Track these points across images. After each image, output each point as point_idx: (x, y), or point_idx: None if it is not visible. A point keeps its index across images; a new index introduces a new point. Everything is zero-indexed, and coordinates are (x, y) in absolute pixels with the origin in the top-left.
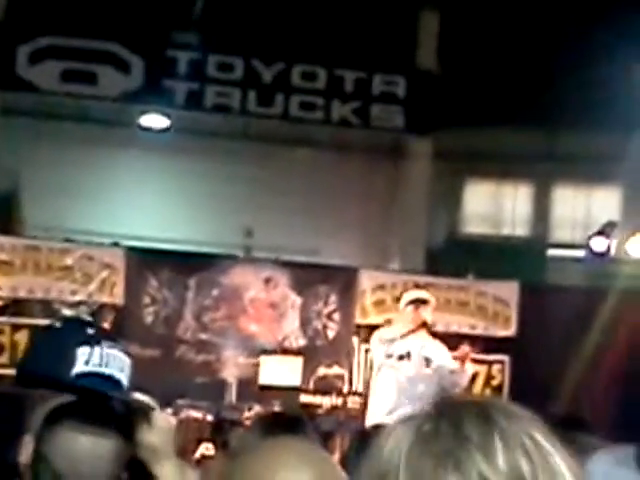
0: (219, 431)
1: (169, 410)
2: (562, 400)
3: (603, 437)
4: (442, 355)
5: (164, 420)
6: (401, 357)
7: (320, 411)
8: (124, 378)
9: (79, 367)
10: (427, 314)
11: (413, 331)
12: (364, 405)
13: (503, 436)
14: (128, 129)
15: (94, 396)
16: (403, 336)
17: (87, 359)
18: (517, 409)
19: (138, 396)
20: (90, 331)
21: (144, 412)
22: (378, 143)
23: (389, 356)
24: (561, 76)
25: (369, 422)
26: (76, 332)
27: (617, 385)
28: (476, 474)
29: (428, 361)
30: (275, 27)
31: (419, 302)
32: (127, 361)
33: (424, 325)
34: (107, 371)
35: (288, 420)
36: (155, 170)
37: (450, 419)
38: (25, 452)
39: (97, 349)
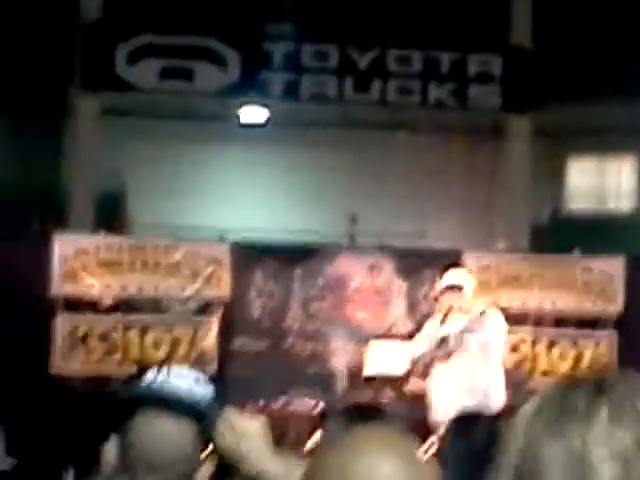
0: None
1: (282, 399)
2: None
3: None
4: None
5: (250, 426)
6: (442, 343)
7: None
8: (198, 390)
9: (147, 382)
10: (459, 300)
11: (443, 321)
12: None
13: (610, 411)
14: (227, 123)
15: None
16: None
17: (154, 377)
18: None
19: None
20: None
21: (224, 419)
22: (477, 124)
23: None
24: None
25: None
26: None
27: None
28: (576, 442)
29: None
30: (368, 13)
31: (453, 288)
32: (200, 377)
33: (459, 310)
34: (175, 383)
35: (367, 410)
36: (256, 163)
37: (566, 392)
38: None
39: (164, 369)
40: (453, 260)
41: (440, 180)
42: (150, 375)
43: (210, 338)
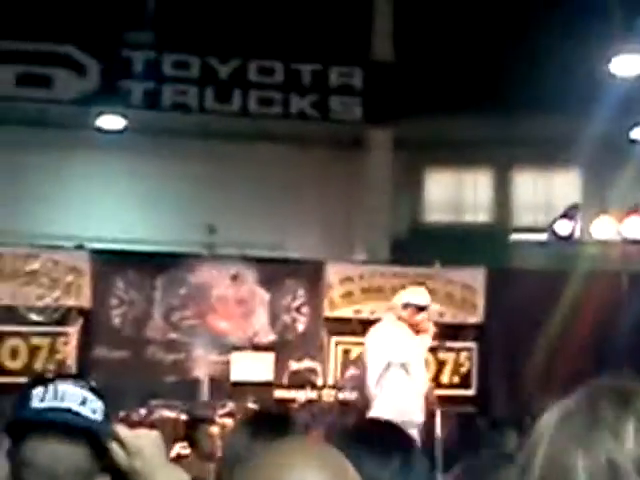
0: (192, 430)
1: (142, 411)
2: (531, 384)
3: None
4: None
5: (143, 441)
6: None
7: (295, 405)
8: (86, 411)
9: (35, 404)
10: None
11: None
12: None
13: (637, 420)
14: (86, 131)
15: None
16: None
17: (41, 397)
18: None
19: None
20: (49, 375)
21: (117, 439)
22: (338, 135)
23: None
24: (517, 61)
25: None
26: (35, 379)
27: (585, 366)
28: (604, 454)
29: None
30: (230, 23)
31: (417, 308)
32: (88, 395)
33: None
34: (63, 405)
35: (274, 419)
36: (115, 171)
37: (591, 402)
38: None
39: (51, 386)
40: (316, 270)
41: (300, 191)
42: (37, 395)
43: (69, 348)
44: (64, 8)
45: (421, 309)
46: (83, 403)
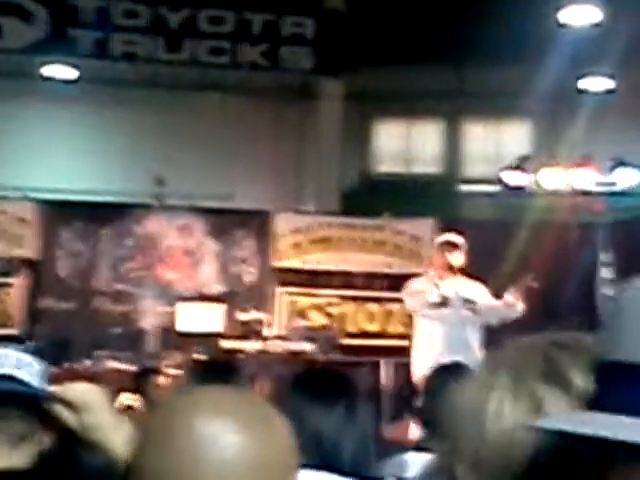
0: (140, 380)
1: (88, 362)
2: None
3: None
4: (482, 294)
5: (88, 396)
6: (439, 304)
7: (242, 356)
8: (24, 375)
9: None
10: (457, 258)
11: (441, 277)
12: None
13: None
14: (34, 80)
15: None
16: (435, 284)
17: None
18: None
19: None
20: None
21: (61, 400)
22: (288, 85)
23: (425, 306)
24: (467, 13)
25: (416, 375)
26: None
27: (534, 317)
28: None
29: (469, 302)
30: None
31: (449, 245)
32: (24, 359)
33: (454, 269)
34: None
35: (220, 367)
36: (63, 121)
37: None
38: None
39: None
40: (264, 221)
41: (250, 141)
42: None
43: (14, 298)
44: None
45: (454, 246)
46: (19, 367)
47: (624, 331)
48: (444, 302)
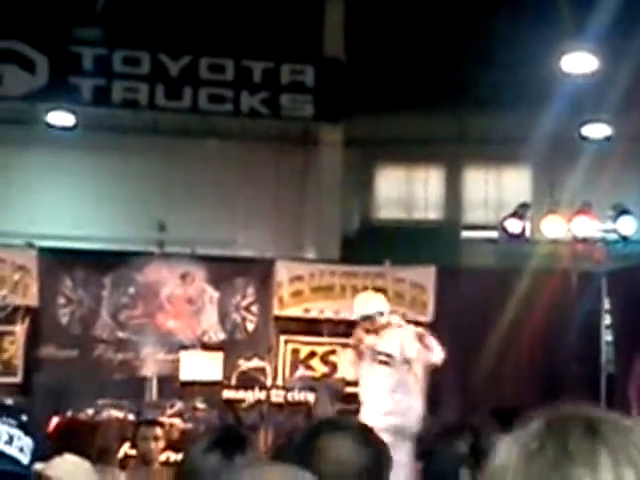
0: (136, 431)
1: (90, 410)
2: (480, 382)
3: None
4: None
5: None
6: (387, 356)
7: (243, 405)
8: (12, 450)
9: None
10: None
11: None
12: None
13: (611, 451)
14: (35, 127)
15: None
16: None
17: None
18: (628, 422)
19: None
20: None
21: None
22: (288, 132)
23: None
24: (467, 59)
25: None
26: None
27: (535, 365)
28: None
29: (386, 356)
30: (180, 20)
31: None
32: (16, 433)
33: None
34: None
35: (234, 436)
36: (65, 168)
37: (557, 434)
38: None
39: None
40: (265, 269)
41: (251, 188)
42: None
43: (16, 346)
44: (12, 4)
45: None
46: (9, 442)
47: None
48: (389, 356)
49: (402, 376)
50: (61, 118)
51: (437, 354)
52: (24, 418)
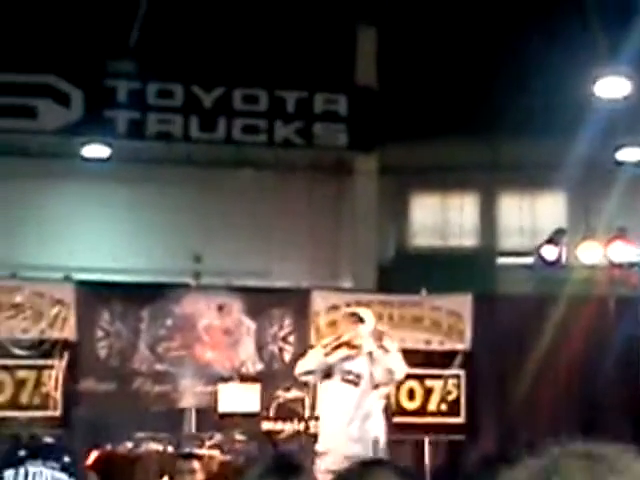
0: (173, 465)
1: (129, 443)
2: (517, 409)
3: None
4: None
5: None
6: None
7: (282, 437)
8: None
9: None
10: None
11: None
12: None
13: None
14: (71, 161)
15: None
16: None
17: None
18: (628, 460)
19: None
20: (21, 452)
21: None
22: (322, 162)
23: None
24: (500, 86)
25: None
26: (7, 455)
27: (572, 390)
28: None
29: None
30: (213, 51)
31: (357, 318)
32: (55, 475)
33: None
34: None
35: (288, 463)
36: (101, 200)
37: (555, 472)
38: None
39: (21, 470)
40: (302, 299)
41: (286, 218)
42: (8, 475)
43: (55, 381)
44: (47, 38)
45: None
46: None
47: None
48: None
49: (366, 399)
50: (96, 151)
51: (400, 371)
52: (66, 459)
